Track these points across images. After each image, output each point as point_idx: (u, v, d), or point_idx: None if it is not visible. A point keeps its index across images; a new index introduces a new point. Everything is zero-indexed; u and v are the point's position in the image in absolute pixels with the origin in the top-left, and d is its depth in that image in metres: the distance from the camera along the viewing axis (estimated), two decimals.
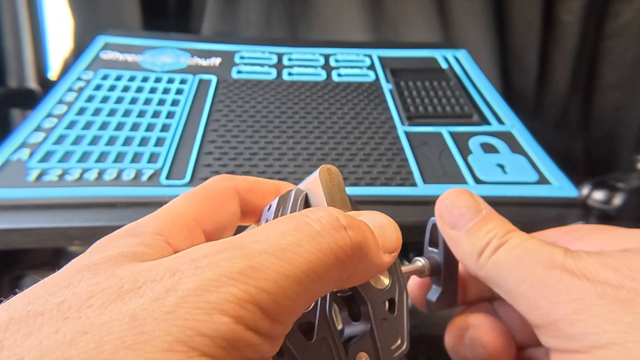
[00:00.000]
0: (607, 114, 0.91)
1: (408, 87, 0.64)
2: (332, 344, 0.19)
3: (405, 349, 0.20)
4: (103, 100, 0.57)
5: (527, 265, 0.21)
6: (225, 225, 0.22)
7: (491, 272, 0.22)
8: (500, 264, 0.22)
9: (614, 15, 0.86)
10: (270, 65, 0.68)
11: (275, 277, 0.14)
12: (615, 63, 0.88)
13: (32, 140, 0.49)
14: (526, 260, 0.21)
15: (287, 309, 0.14)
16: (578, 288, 0.19)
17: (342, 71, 0.67)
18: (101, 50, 0.67)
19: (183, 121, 0.54)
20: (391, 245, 0.19)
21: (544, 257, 0.20)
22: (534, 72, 0.90)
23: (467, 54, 0.74)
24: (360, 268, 0.17)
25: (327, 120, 0.56)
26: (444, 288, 0.26)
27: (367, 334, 0.20)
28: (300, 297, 0.14)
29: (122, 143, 0.50)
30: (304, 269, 0.14)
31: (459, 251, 0.24)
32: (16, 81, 0.75)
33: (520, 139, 0.54)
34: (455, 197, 0.24)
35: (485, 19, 0.87)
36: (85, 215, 0.41)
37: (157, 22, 0.87)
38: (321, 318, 0.19)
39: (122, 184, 0.44)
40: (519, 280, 0.21)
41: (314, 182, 0.20)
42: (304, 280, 0.14)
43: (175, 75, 0.63)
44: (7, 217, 0.40)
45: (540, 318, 0.20)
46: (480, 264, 0.22)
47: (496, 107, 0.61)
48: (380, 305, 0.21)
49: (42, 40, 0.79)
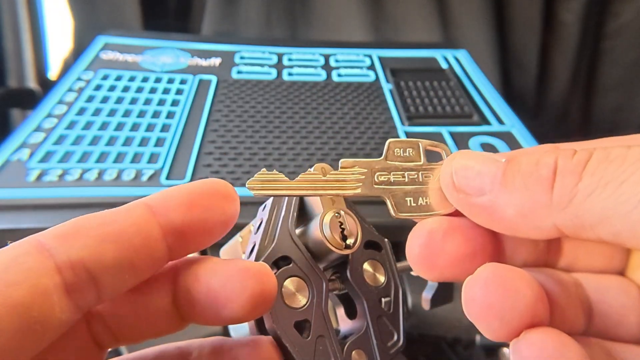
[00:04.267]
0: (607, 114, 0.91)
1: (408, 87, 0.64)
2: (328, 341, 0.19)
3: (402, 345, 0.20)
4: (103, 100, 0.57)
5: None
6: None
7: (594, 202, 0.14)
8: (605, 182, 0.14)
9: (613, 15, 0.86)
10: (270, 65, 0.68)
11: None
12: (615, 63, 0.88)
13: (32, 140, 0.49)
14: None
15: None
16: None
17: (342, 71, 0.67)
18: (101, 50, 0.67)
19: (183, 121, 0.54)
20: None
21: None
22: (534, 72, 0.90)
23: (467, 54, 0.74)
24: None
25: (327, 120, 0.56)
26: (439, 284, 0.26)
27: (363, 331, 0.20)
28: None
29: (122, 143, 0.50)
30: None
31: (504, 217, 0.16)
32: (16, 81, 0.75)
33: (520, 139, 0.54)
34: (458, 159, 0.18)
35: (485, 19, 0.87)
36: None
37: (157, 22, 0.87)
38: (317, 316, 0.19)
39: (122, 184, 0.45)
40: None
41: None
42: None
43: (175, 76, 0.63)
44: (7, 217, 0.40)
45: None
46: (563, 202, 0.15)
47: (496, 107, 0.61)
48: (376, 303, 0.21)
49: (42, 40, 0.79)
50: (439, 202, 0.18)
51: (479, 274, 0.16)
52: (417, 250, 0.18)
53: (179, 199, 0.16)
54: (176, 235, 0.16)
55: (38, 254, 0.14)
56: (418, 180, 0.19)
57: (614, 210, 0.14)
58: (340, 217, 0.20)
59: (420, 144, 0.19)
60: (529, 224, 0.16)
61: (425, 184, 0.19)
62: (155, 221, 0.16)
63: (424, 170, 0.19)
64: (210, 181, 0.17)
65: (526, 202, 0.16)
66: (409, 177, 0.19)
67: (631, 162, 0.14)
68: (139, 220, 0.15)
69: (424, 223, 0.18)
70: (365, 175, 0.18)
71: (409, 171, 0.19)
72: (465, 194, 0.17)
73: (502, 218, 0.16)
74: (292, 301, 0.19)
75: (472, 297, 0.16)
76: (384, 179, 0.19)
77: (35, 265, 0.14)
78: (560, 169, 0.15)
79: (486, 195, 0.17)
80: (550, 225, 0.16)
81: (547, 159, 0.16)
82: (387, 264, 0.22)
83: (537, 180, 0.16)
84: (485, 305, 0.15)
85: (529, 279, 0.16)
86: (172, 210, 0.16)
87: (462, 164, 0.18)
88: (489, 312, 0.15)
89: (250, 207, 0.23)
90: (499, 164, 0.17)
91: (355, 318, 0.21)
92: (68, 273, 0.14)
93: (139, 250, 0.15)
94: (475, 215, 0.17)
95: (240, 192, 0.17)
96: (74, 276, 0.14)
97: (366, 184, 0.18)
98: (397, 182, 0.19)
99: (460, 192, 0.17)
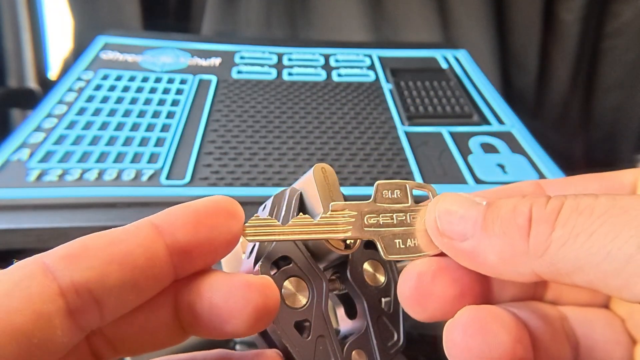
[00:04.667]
0: (607, 114, 0.91)
1: (408, 87, 0.64)
2: (328, 341, 0.19)
3: (402, 345, 0.20)
4: (103, 100, 0.57)
5: (622, 219, 0.14)
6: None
7: (567, 252, 0.15)
8: (576, 234, 0.15)
9: (614, 15, 0.86)
10: (270, 65, 0.68)
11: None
12: (615, 63, 0.89)
13: (32, 140, 0.49)
14: (614, 214, 0.14)
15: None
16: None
17: (342, 71, 0.67)
18: (101, 50, 0.67)
19: (183, 121, 0.54)
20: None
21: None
22: (534, 72, 0.90)
23: (467, 54, 0.74)
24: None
25: (327, 120, 0.56)
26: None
27: (363, 331, 0.20)
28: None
29: (122, 143, 0.50)
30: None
31: (486, 262, 0.17)
32: (16, 81, 0.75)
33: (520, 139, 0.54)
34: (441, 203, 0.18)
35: (485, 19, 0.87)
36: (85, 215, 0.41)
37: (157, 22, 0.87)
38: (317, 316, 0.19)
39: (122, 184, 0.45)
40: (616, 242, 0.14)
41: (309, 181, 0.20)
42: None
43: (175, 76, 0.63)
44: (7, 217, 0.40)
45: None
46: (539, 251, 0.15)
47: (496, 107, 0.61)
48: (376, 303, 0.21)
49: (42, 40, 0.79)
50: (427, 244, 0.19)
51: (458, 319, 0.16)
52: (408, 292, 0.18)
53: (185, 218, 0.16)
54: (182, 255, 0.16)
55: (42, 277, 0.14)
56: (406, 222, 0.19)
57: (586, 260, 0.14)
58: None
59: (408, 185, 0.19)
60: (510, 269, 0.16)
61: (412, 226, 0.19)
62: (161, 241, 0.15)
63: (411, 212, 0.19)
64: (217, 199, 0.17)
65: (506, 248, 0.16)
66: (397, 219, 0.19)
67: (598, 215, 0.15)
68: (145, 241, 0.15)
69: (413, 265, 0.18)
70: (355, 218, 0.19)
71: (397, 213, 0.19)
72: (448, 239, 0.17)
73: (485, 263, 0.17)
74: (292, 301, 0.19)
75: (453, 340, 0.16)
76: (373, 221, 0.19)
77: (38, 289, 0.13)
78: (534, 217, 0.16)
79: (468, 241, 0.17)
80: (530, 271, 0.16)
81: (522, 207, 0.16)
82: (387, 264, 0.22)
83: (515, 227, 0.16)
84: (465, 349, 0.16)
85: (507, 322, 0.16)
86: (179, 229, 0.16)
87: (445, 208, 0.18)
88: (468, 356, 0.16)
89: (250, 207, 0.23)
90: (480, 207, 0.17)
91: (355, 318, 0.21)
92: (71, 296, 0.14)
93: (144, 271, 0.15)
94: (460, 259, 0.18)
95: (241, 192, 0.17)
96: (77, 299, 0.14)
97: (356, 227, 0.19)
98: (385, 224, 0.19)
99: (444, 236, 0.17)
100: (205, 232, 0.16)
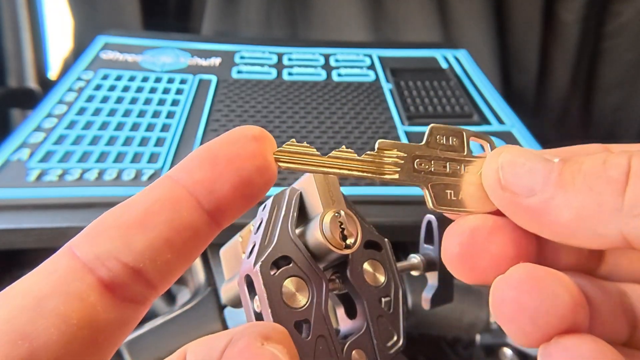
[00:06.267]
0: (607, 114, 0.91)
1: (408, 87, 0.64)
2: (328, 341, 0.19)
3: (402, 345, 0.20)
4: (103, 100, 0.57)
5: None
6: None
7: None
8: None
9: (614, 15, 0.86)
10: (270, 65, 0.68)
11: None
12: (615, 63, 0.89)
13: (32, 140, 0.49)
14: None
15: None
16: None
17: (342, 71, 0.67)
18: (101, 50, 0.67)
19: (183, 121, 0.54)
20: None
21: None
22: (534, 72, 0.90)
23: (467, 54, 0.74)
24: None
25: (327, 120, 0.56)
26: (439, 284, 0.26)
27: (363, 331, 0.20)
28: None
29: (122, 143, 0.50)
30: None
31: (558, 221, 0.15)
32: (16, 81, 0.75)
33: (520, 139, 0.54)
34: (505, 154, 0.16)
35: (485, 19, 0.87)
36: (85, 215, 0.41)
37: (157, 22, 0.87)
38: (317, 316, 0.19)
39: (122, 184, 0.45)
40: None
41: (308, 181, 0.20)
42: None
43: (175, 75, 0.63)
44: (7, 217, 0.40)
45: None
46: (637, 208, 0.13)
47: (496, 106, 0.61)
48: (376, 303, 0.21)
49: (42, 40, 0.79)
50: (481, 199, 0.17)
51: (511, 274, 0.15)
52: (457, 249, 0.16)
53: (200, 156, 0.14)
54: (210, 197, 0.14)
55: (68, 259, 0.13)
56: (460, 172, 0.17)
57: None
58: (340, 217, 0.20)
59: (465, 133, 0.18)
60: (588, 230, 0.14)
61: (466, 177, 0.17)
62: (180, 188, 0.14)
63: (466, 163, 0.17)
64: (236, 129, 0.15)
65: (589, 205, 0.14)
66: (450, 167, 0.17)
67: None
68: (161, 195, 0.14)
69: (465, 220, 0.16)
70: (405, 160, 0.17)
71: (451, 161, 0.17)
72: (512, 193, 0.15)
73: (555, 222, 0.15)
74: (292, 301, 0.19)
75: (502, 297, 0.14)
76: (424, 167, 0.17)
77: (64, 272, 0.13)
78: (634, 170, 0.14)
79: (537, 196, 0.15)
80: (615, 233, 0.14)
81: (618, 159, 0.14)
82: (387, 263, 0.22)
83: (605, 181, 0.14)
84: (518, 307, 0.14)
85: (568, 283, 0.14)
86: (196, 170, 0.14)
87: (510, 159, 0.16)
88: (521, 315, 0.14)
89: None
90: (551, 163, 0.15)
91: (355, 318, 0.21)
92: (101, 270, 0.13)
93: (172, 225, 0.14)
94: (521, 217, 0.16)
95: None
96: (108, 272, 0.13)
97: (405, 169, 0.17)
98: (437, 172, 0.17)
99: (507, 190, 0.16)
100: (227, 163, 0.14)
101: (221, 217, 0.15)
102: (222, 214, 0.15)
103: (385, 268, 0.22)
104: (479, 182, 0.17)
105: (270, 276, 0.18)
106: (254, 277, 0.19)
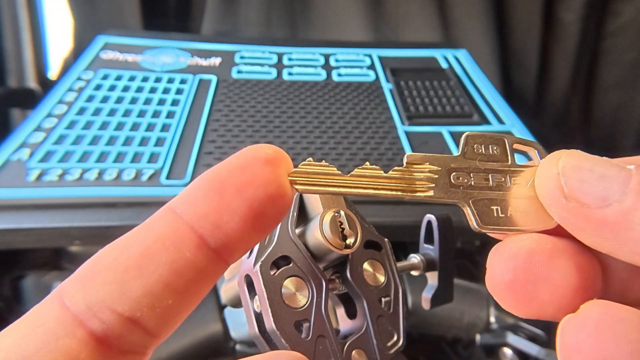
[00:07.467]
0: (607, 114, 0.91)
1: (408, 87, 0.64)
2: (328, 341, 0.19)
3: (402, 345, 0.20)
4: (103, 100, 0.57)
5: None
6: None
7: None
8: None
9: (614, 15, 0.86)
10: (270, 65, 0.68)
11: None
12: (615, 63, 0.89)
13: (32, 140, 0.49)
14: None
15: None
16: None
17: (342, 71, 0.67)
18: (101, 50, 0.67)
19: (183, 121, 0.54)
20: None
21: None
22: (534, 72, 0.90)
23: (467, 54, 0.74)
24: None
25: (327, 120, 0.56)
26: (439, 284, 0.26)
27: (363, 331, 0.20)
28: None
29: (122, 143, 0.50)
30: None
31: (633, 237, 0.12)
32: (16, 81, 0.75)
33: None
34: (566, 159, 0.14)
35: (485, 19, 0.87)
36: (85, 215, 0.41)
37: (157, 22, 0.87)
38: (317, 316, 0.19)
39: (122, 184, 0.45)
40: None
41: None
42: None
43: (175, 75, 0.63)
44: (7, 217, 0.40)
45: None
46: None
47: (496, 106, 0.61)
48: (376, 303, 0.21)
49: (42, 40, 0.79)
50: (531, 216, 0.14)
51: (587, 315, 0.12)
52: (510, 275, 0.13)
53: (206, 185, 0.13)
54: (217, 232, 0.13)
55: (58, 309, 0.12)
56: (506, 185, 0.15)
57: None
58: (340, 217, 0.20)
59: (507, 140, 0.16)
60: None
61: (514, 191, 0.15)
62: (183, 224, 0.13)
63: (512, 173, 0.15)
64: (247, 150, 0.13)
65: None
66: (494, 180, 0.15)
67: None
68: (162, 232, 0.13)
69: (517, 240, 0.14)
70: (439, 175, 0.15)
71: (493, 173, 0.15)
72: (578, 203, 0.13)
73: (637, 239, 0.12)
74: (292, 301, 0.19)
75: (578, 345, 0.12)
76: (463, 180, 0.15)
77: (52, 325, 0.12)
78: None
79: (613, 206, 0.12)
80: None
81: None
82: (387, 263, 0.22)
83: None
84: (598, 356, 0.11)
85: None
86: (201, 201, 0.13)
87: (573, 164, 0.13)
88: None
89: None
90: (627, 170, 0.13)
91: (355, 318, 0.21)
92: (93, 322, 0.12)
93: (173, 267, 0.12)
94: (592, 233, 0.13)
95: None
96: (101, 324, 0.12)
97: (440, 185, 0.15)
98: (479, 186, 0.15)
99: (571, 200, 0.13)
100: (233, 193, 0.12)
101: (228, 253, 0.13)
102: (229, 250, 0.13)
103: (385, 268, 0.22)
104: (531, 194, 0.15)
105: (270, 276, 0.18)
106: (254, 277, 0.19)
